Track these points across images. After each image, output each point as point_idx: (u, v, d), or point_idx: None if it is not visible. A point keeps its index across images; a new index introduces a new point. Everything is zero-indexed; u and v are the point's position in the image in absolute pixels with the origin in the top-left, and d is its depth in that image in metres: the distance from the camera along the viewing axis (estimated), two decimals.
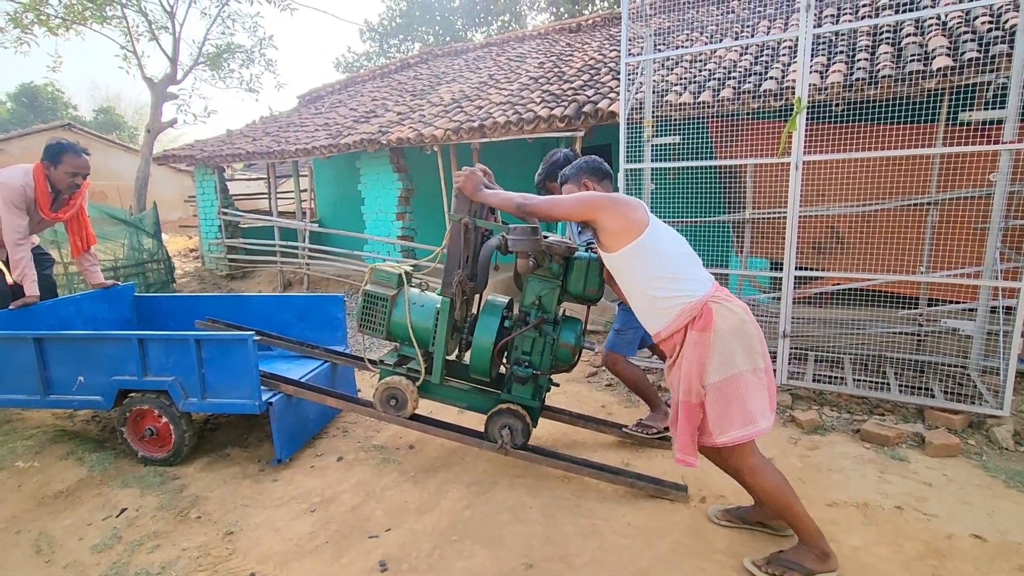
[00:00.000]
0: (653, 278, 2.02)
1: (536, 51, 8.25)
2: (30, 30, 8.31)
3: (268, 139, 7.86)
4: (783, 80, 4.13)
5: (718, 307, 1.93)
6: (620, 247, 2.04)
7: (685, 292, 1.97)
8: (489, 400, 2.75)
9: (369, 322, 2.71)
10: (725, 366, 1.91)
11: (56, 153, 3.23)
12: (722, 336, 1.90)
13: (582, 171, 2.45)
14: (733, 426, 1.91)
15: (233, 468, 2.93)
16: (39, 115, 27.77)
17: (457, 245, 2.52)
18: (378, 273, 2.76)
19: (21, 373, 2.99)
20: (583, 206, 2.10)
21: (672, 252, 2.05)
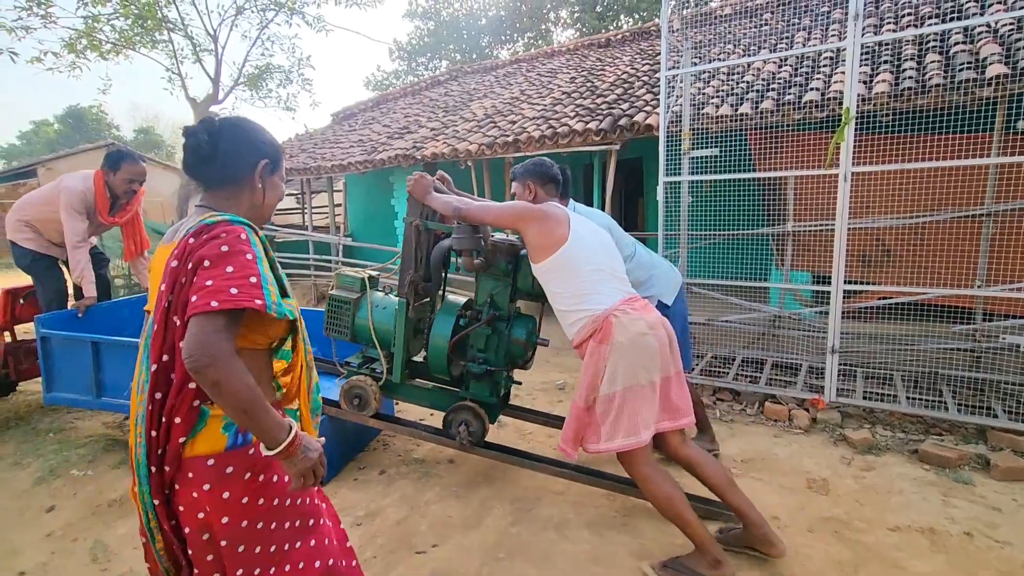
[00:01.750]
0: (563, 294, 2.13)
1: (567, 66, 8.30)
2: (83, 55, 8.75)
3: (304, 155, 8.06)
4: (826, 91, 4.06)
5: (617, 320, 2.01)
6: (539, 260, 2.16)
7: (589, 307, 2.07)
8: (449, 398, 2.79)
9: (334, 325, 2.81)
10: (618, 378, 1.99)
11: (116, 160, 3.37)
12: (618, 349, 1.99)
13: (529, 173, 2.51)
14: (617, 435, 2.00)
15: None
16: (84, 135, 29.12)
17: (410, 247, 2.61)
18: (343, 278, 2.87)
19: (77, 373, 3.10)
20: (510, 215, 2.22)
21: (583, 270, 2.12)
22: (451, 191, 2.69)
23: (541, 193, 2.50)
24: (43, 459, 3.22)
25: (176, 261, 1.11)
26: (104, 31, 8.51)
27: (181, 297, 1.10)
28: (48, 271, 3.55)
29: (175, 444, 1.13)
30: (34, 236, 3.49)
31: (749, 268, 4.16)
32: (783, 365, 4.20)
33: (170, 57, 9.31)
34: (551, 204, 2.34)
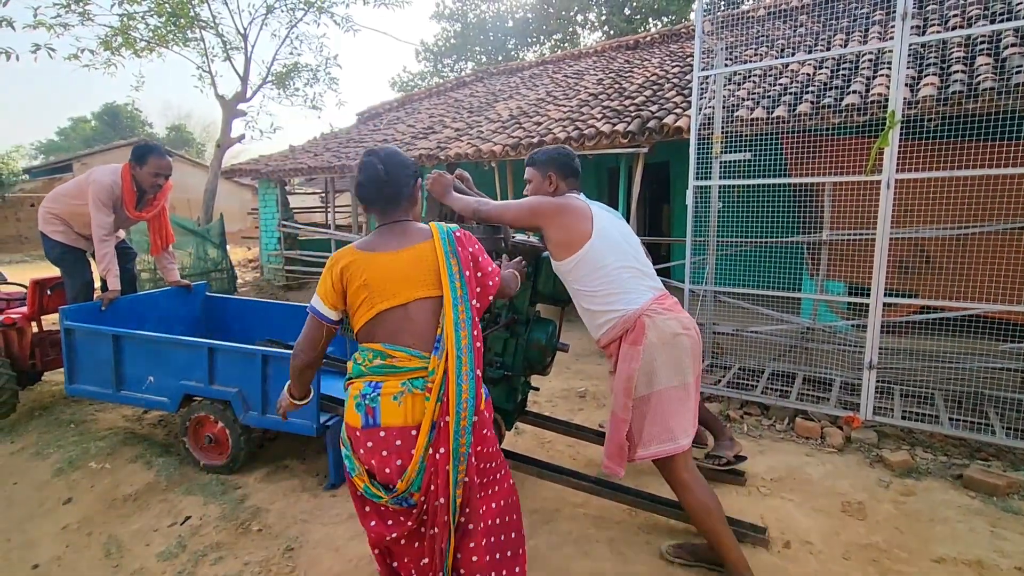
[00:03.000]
0: (590, 293, 2.05)
1: (594, 68, 8.20)
2: (118, 53, 8.94)
3: (329, 154, 8.10)
4: (867, 94, 3.89)
5: (650, 320, 1.94)
6: (562, 258, 2.08)
7: (619, 307, 1.99)
8: None
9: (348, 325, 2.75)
10: (652, 380, 1.93)
11: (142, 154, 3.38)
12: (651, 349, 1.93)
13: (552, 161, 2.27)
14: (653, 441, 1.93)
15: (292, 481, 2.91)
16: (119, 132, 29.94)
17: None
18: None
19: (98, 366, 3.11)
20: (529, 213, 2.11)
21: (610, 267, 2.03)
22: (471, 190, 2.63)
23: (562, 186, 2.28)
24: (63, 450, 3.23)
25: (458, 264, 1.50)
26: (139, 28, 8.71)
27: (474, 285, 1.54)
28: (76, 263, 3.58)
29: (481, 405, 1.49)
30: (64, 228, 3.52)
31: (780, 277, 4.00)
32: (814, 380, 4.02)
33: (201, 55, 9.47)
34: (571, 197, 2.20)
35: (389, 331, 1.46)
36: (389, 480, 1.43)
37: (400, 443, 1.41)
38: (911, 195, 3.59)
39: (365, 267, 1.48)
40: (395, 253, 1.50)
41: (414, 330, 1.46)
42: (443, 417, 1.41)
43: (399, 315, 1.46)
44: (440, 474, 1.39)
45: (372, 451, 1.43)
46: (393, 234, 1.53)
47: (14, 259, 14.16)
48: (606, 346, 2.08)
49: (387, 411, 1.40)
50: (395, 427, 1.40)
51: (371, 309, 1.47)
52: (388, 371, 1.43)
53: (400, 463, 1.41)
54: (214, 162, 9.80)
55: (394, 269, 1.48)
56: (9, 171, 16.93)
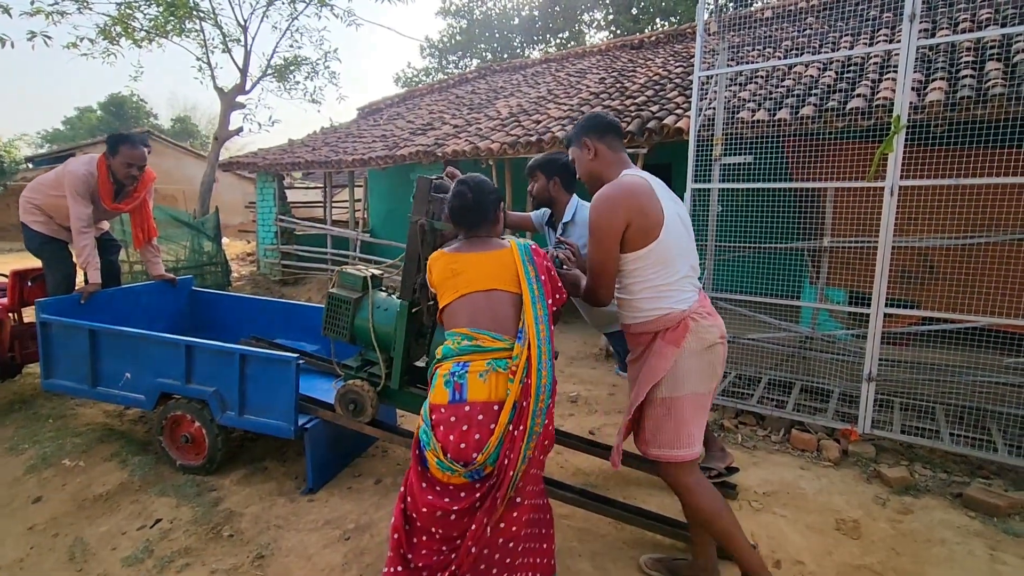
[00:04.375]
0: (640, 285, 1.87)
1: (597, 67, 8.09)
2: (117, 42, 8.85)
3: (327, 149, 8.01)
4: (872, 98, 3.78)
5: (695, 324, 1.85)
6: (625, 251, 1.84)
7: (668, 305, 1.86)
8: None
9: (333, 325, 2.68)
10: (678, 384, 1.86)
11: (114, 144, 3.30)
12: (688, 354, 1.85)
13: (582, 131, 2.03)
14: (665, 443, 1.88)
15: (269, 484, 2.83)
16: (124, 123, 29.90)
17: (414, 247, 2.44)
18: (344, 276, 2.72)
19: (74, 361, 3.03)
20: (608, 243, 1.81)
21: (673, 265, 1.84)
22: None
23: (602, 148, 1.98)
24: (39, 446, 3.16)
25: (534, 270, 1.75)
26: (137, 18, 8.62)
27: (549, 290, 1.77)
28: (56, 255, 3.50)
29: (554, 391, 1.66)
30: (44, 219, 3.45)
31: (780, 284, 3.90)
32: (812, 390, 3.92)
33: (200, 47, 9.38)
34: (631, 179, 1.85)
35: (470, 313, 1.68)
36: (463, 455, 1.56)
37: (482, 417, 1.56)
38: (915, 203, 3.48)
39: (453, 260, 1.77)
40: (480, 254, 1.78)
41: (494, 315, 1.67)
42: (524, 399, 1.58)
43: (480, 300, 1.69)
44: (515, 449, 1.55)
45: (453, 426, 1.56)
46: (478, 243, 1.83)
47: (15, 248, 14.12)
48: (636, 334, 1.95)
49: (473, 387, 1.58)
50: (479, 402, 1.57)
51: (456, 292, 1.71)
52: (475, 350, 1.62)
53: (478, 437, 1.55)
54: (211, 154, 9.72)
55: (479, 263, 1.75)
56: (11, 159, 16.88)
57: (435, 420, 1.60)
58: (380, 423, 2.81)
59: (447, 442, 1.56)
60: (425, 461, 1.62)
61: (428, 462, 1.60)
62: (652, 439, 1.91)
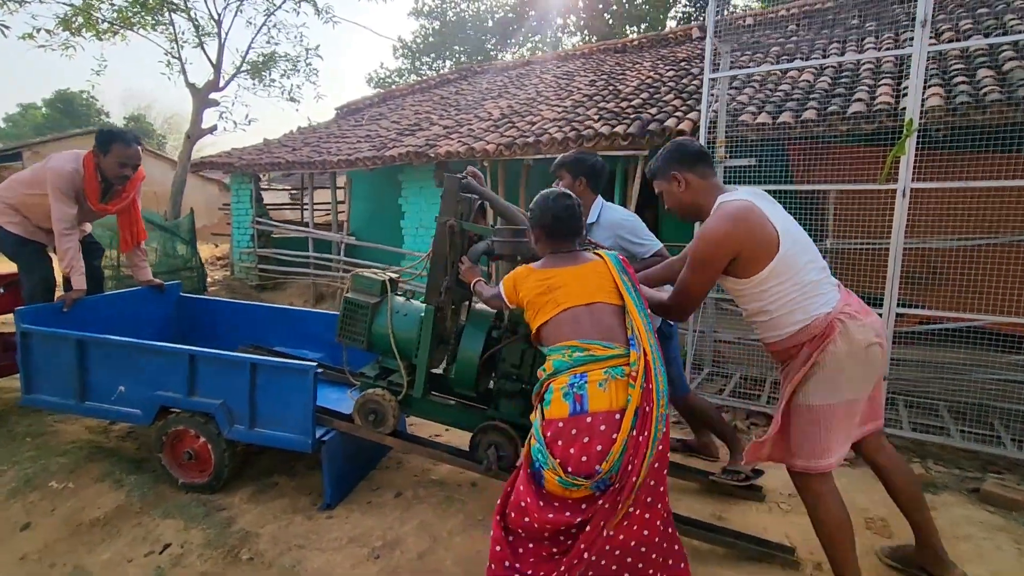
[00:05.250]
0: (777, 301, 1.82)
1: (583, 70, 8.11)
2: (79, 33, 8.36)
3: (308, 149, 7.76)
4: (872, 103, 3.87)
5: (842, 326, 1.76)
6: (746, 276, 1.82)
7: (812, 312, 1.79)
8: (475, 417, 2.54)
9: (349, 331, 2.56)
10: (827, 391, 1.79)
11: (105, 141, 3.07)
12: (837, 358, 1.76)
13: (669, 164, 1.99)
14: (810, 454, 1.83)
15: (282, 500, 2.66)
16: (73, 121, 28.46)
17: (442, 249, 2.37)
18: (360, 280, 2.61)
19: (60, 374, 2.80)
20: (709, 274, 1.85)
21: (802, 270, 1.80)
22: (482, 187, 2.49)
23: (693, 179, 1.95)
24: (19, 467, 2.89)
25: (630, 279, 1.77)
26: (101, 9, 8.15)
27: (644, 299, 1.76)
28: (33, 258, 3.23)
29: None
30: (20, 220, 3.18)
31: None
32: None
33: (170, 40, 8.95)
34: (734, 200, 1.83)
35: (576, 328, 1.65)
36: (585, 468, 1.52)
37: (604, 428, 1.52)
38: (917, 206, 3.57)
39: (547, 276, 1.75)
40: (575, 267, 1.76)
41: (600, 326, 1.64)
42: (647, 404, 1.55)
43: (583, 313, 1.67)
44: (639, 456, 1.52)
45: (574, 439, 1.53)
46: (567, 257, 1.81)
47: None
48: (783, 349, 1.89)
49: (594, 397, 1.54)
50: (601, 412, 1.53)
51: (557, 307, 1.68)
52: (589, 360, 1.58)
53: (600, 448, 1.51)
54: (183, 154, 9.28)
55: (577, 277, 1.73)
56: None
57: (551, 435, 1.56)
58: (401, 434, 2.70)
59: (567, 457, 1.53)
60: (541, 479, 1.58)
61: (545, 480, 1.56)
62: (797, 450, 1.85)
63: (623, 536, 1.58)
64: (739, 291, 1.90)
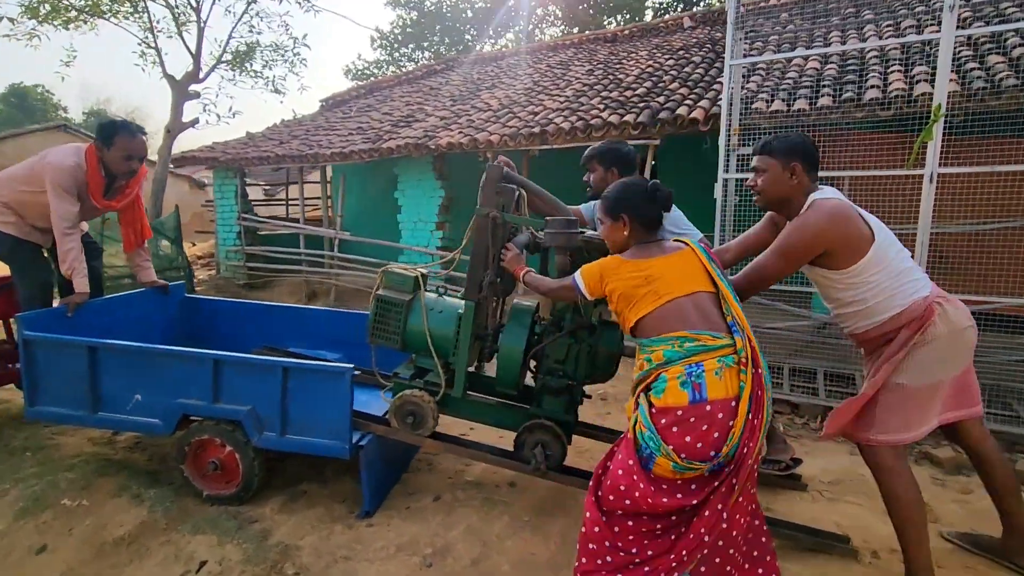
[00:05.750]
0: (873, 290, 1.90)
1: (576, 59, 8.02)
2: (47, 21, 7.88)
3: (297, 142, 7.50)
4: (886, 89, 3.88)
5: (941, 309, 1.85)
6: (843, 267, 1.90)
7: (909, 297, 1.88)
8: (518, 415, 2.47)
9: (382, 330, 2.46)
10: (923, 371, 1.86)
11: (108, 132, 2.87)
12: (937, 340, 1.83)
13: (793, 153, 1.95)
14: (893, 428, 1.90)
15: (316, 509, 2.53)
16: (28, 116, 27.16)
17: (483, 243, 2.28)
18: (391, 276, 2.50)
19: (69, 384, 2.60)
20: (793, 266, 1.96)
21: (895, 258, 1.90)
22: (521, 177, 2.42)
23: (802, 175, 1.97)
24: (24, 485, 2.69)
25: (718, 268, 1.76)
26: None
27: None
28: (31, 261, 3.01)
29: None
30: (14, 220, 2.95)
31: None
32: (834, 375, 4.00)
33: (144, 30, 8.52)
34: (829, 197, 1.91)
35: (680, 317, 1.65)
36: (700, 454, 1.56)
37: (721, 415, 1.56)
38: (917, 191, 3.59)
39: (640, 267, 1.74)
40: (667, 257, 1.76)
41: (703, 315, 1.65)
42: (759, 388, 1.60)
43: (686, 303, 1.66)
44: (754, 439, 1.57)
45: (692, 427, 1.56)
46: (655, 247, 1.80)
47: None
48: (876, 336, 1.95)
49: (712, 385, 1.57)
50: (719, 399, 1.56)
51: (659, 298, 1.68)
52: (702, 350, 1.60)
53: (717, 435, 1.56)
54: (162, 149, 8.87)
55: (672, 266, 1.73)
56: None
57: (666, 423, 1.59)
58: (442, 436, 2.59)
59: (682, 444, 1.56)
60: (649, 464, 1.62)
61: (656, 464, 1.60)
62: (880, 424, 1.90)
63: (737, 517, 1.63)
64: (832, 283, 1.97)
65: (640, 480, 1.61)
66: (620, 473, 1.65)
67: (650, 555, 1.62)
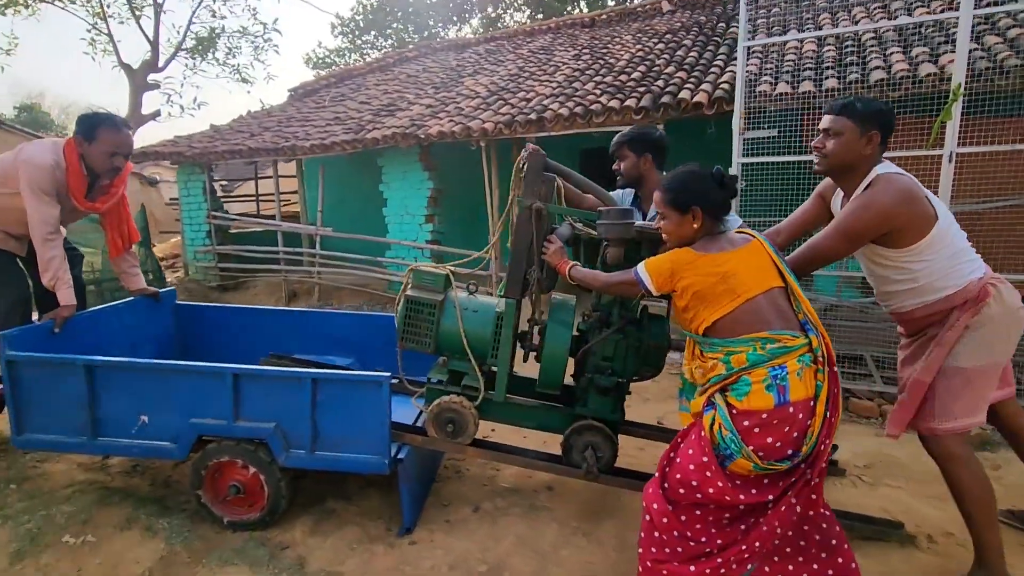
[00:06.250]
0: (935, 267, 1.84)
1: (558, 45, 7.85)
2: None
3: (270, 134, 7.10)
4: (891, 70, 3.89)
5: (996, 290, 1.83)
6: (904, 245, 1.84)
7: (966, 277, 1.84)
8: (563, 417, 2.38)
9: (413, 334, 2.31)
10: (980, 352, 1.84)
11: (90, 126, 2.57)
12: (991, 321, 1.81)
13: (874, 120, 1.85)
14: (960, 413, 1.87)
15: (349, 528, 2.36)
16: None
17: (526, 237, 2.14)
18: (420, 275, 2.35)
19: (63, 408, 2.34)
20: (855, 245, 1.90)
21: (955, 237, 1.87)
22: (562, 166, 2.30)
23: (877, 147, 1.88)
24: (14, 522, 2.41)
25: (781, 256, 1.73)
26: None
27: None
28: (5, 272, 2.69)
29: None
30: None
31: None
32: (845, 357, 4.04)
33: (93, 15, 7.86)
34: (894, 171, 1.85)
35: (760, 318, 1.60)
36: (778, 454, 1.57)
37: (801, 416, 1.56)
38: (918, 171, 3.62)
39: (716, 262, 1.65)
40: (738, 250, 1.68)
41: (780, 314, 1.62)
42: (834, 387, 1.60)
43: (764, 302, 1.62)
44: (831, 436, 1.60)
45: (773, 429, 1.55)
46: (723, 239, 1.72)
47: None
48: (926, 315, 1.91)
49: (794, 387, 1.56)
50: (800, 400, 1.56)
51: (737, 298, 1.62)
52: (783, 352, 1.57)
53: (796, 435, 1.57)
54: None
55: (744, 261, 1.65)
56: None
57: (749, 425, 1.57)
58: (484, 443, 2.46)
59: (763, 445, 1.56)
60: (726, 462, 1.60)
61: (734, 464, 1.59)
62: (943, 412, 1.86)
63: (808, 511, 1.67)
64: (887, 261, 1.90)
65: (716, 477, 1.61)
66: (691, 468, 1.64)
67: (719, 543, 1.61)
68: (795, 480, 1.60)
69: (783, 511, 1.60)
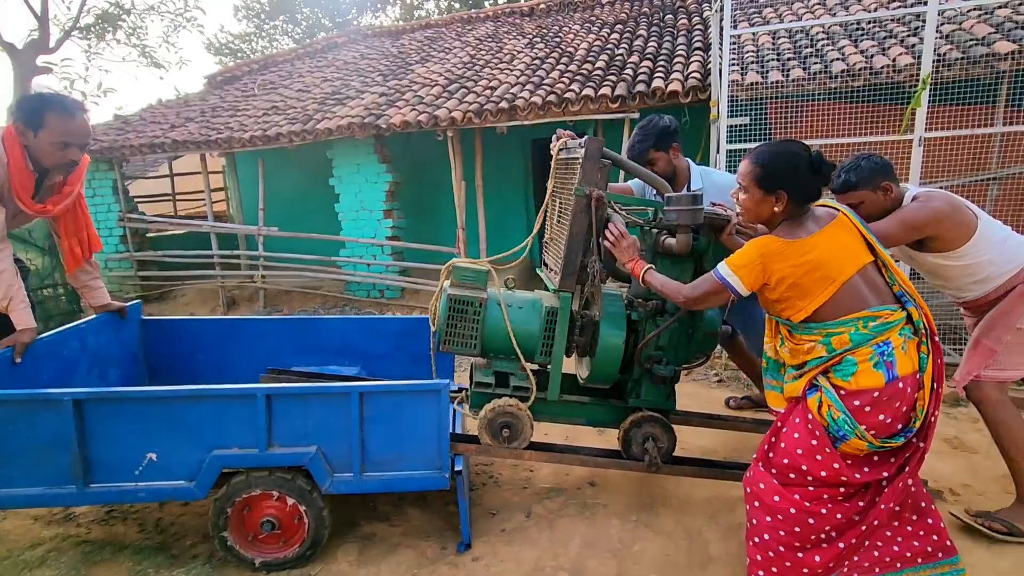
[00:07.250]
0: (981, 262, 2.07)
1: (505, 33, 7.70)
2: None
3: (195, 125, 6.37)
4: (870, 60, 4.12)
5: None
6: (954, 248, 2.06)
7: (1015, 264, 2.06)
8: (618, 411, 2.36)
9: (457, 335, 2.18)
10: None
11: (34, 111, 2.08)
12: None
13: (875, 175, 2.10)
14: (1010, 366, 2.09)
15: (402, 553, 2.16)
16: None
17: (584, 226, 2.07)
18: (461, 272, 2.21)
19: (43, 453, 1.93)
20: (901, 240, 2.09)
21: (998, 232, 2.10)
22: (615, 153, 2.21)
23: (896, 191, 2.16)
24: None
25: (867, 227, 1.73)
26: None
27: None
28: None
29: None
30: None
31: None
32: None
33: None
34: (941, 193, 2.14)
35: (859, 297, 1.60)
36: (889, 430, 1.58)
37: (910, 390, 1.57)
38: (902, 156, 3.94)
39: (807, 248, 1.61)
40: (824, 231, 1.65)
41: (876, 290, 1.62)
42: (938, 357, 1.62)
43: (859, 281, 1.61)
44: (938, 406, 1.63)
45: (885, 406, 1.56)
46: (810, 219, 1.69)
47: None
48: (990, 301, 2.12)
49: (901, 362, 1.56)
50: (907, 375, 1.57)
51: (833, 283, 1.60)
52: (885, 328, 1.57)
53: (905, 409, 1.58)
54: None
55: (834, 240, 1.64)
56: None
57: (861, 404, 1.56)
58: (540, 444, 2.33)
59: (875, 423, 1.56)
60: (838, 442, 1.61)
61: (846, 444, 1.60)
62: (999, 364, 2.09)
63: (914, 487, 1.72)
64: (948, 265, 2.13)
65: (831, 459, 1.60)
66: (799, 453, 1.63)
67: (839, 519, 1.61)
68: (909, 455, 1.62)
69: (899, 487, 1.61)
